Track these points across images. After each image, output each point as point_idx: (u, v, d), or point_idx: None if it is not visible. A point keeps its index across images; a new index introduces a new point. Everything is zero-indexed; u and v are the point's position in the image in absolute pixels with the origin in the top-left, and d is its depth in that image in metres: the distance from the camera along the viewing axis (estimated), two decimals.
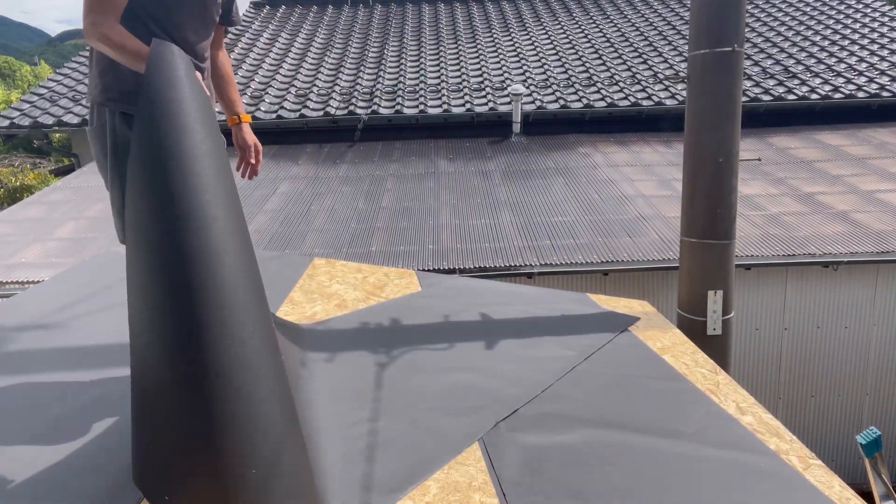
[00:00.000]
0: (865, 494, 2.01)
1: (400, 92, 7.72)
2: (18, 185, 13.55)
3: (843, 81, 7.67)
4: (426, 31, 9.89)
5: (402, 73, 8.33)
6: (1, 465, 1.62)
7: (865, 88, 7.47)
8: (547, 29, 9.74)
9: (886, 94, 7.37)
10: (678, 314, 3.51)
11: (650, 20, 9.97)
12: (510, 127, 7.32)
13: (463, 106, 7.34)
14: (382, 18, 10.52)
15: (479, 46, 9.18)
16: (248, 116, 2.09)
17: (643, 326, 2.74)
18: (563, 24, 9.95)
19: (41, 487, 1.54)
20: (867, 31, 9.16)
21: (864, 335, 4.76)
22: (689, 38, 3.39)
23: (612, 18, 10.09)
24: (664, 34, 9.38)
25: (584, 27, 9.77)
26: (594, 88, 7.67)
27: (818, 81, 7.69)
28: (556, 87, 7.72)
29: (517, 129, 7.28)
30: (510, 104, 7.25)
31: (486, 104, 7.34)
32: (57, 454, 1.67)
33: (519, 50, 8.98)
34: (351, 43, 9.47)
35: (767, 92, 7.46)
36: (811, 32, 9.20)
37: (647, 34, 9.40)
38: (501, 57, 8.74)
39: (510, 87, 7.46)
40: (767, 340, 4.78)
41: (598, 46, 9.02)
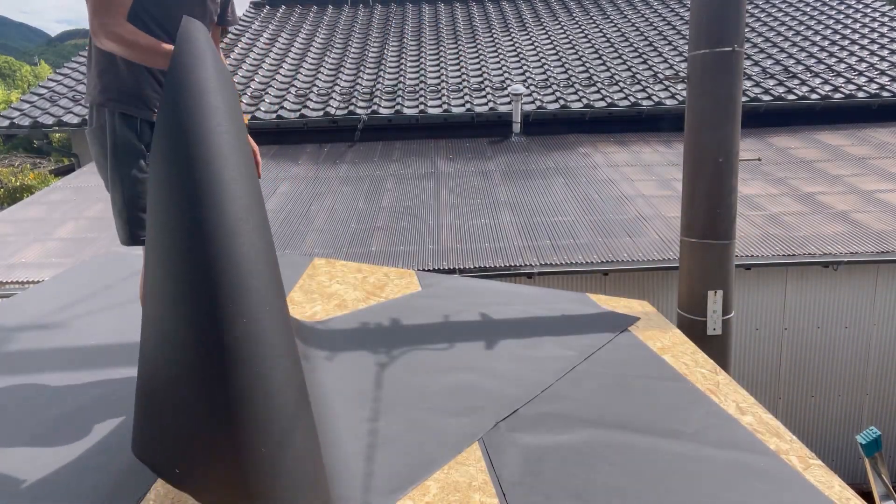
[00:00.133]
0: (865, 494, 2.01)
1: (400, 92, 7.72)
2: (18, 185, 13.55)
3: (843, 81, 7.67)
4: (426, 31, 9.89)
5: (402, 73, 8.33)
6: (1, 464, 1.62)
7: (865, 88, 7.47)
8: (547, 29, 9.74)
9: (886, 94, 7.37)
10: (678, 314, 3.51)
11: (650, 20, 9.97)
12: (510, 127, 7.32)
13: (463, 106, 7.34)
14: (382, 18, 10.52)
15: (479, 46, 9.18)
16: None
17: (643, 326, 2.74)
18: (563, 24, 9.94)
19: (41, 487, 1.54)
20: (867, 31, 9.16)
21: (864, 335, 4.76)
22: (689, 38, 3.39)
23: (612, 18, 10.09)
24: (664, 34, 9.38)
25: (584, 27, 9.77)
26: (594, 88, 7.67)
27: (818, 81, 7.69)
28: (556, 87, 7.72)
29: (517, 129, 7.28)
30: (510, 104, 7.25)
31: (486, 104, 7.34)
32: (57, 454, 1.67)
33: (519, 50, 8.98)
34: (351, 43, 9.47)
35: (767, 92, 7.46)
36: (811, 32, 9.20)
37: (647, 34, 9.40)
38: (501, 57, 8.74)
39: (510, 87, 7.46)
40: (767, 340, 4.77)
41: (598, 46, 9.02)
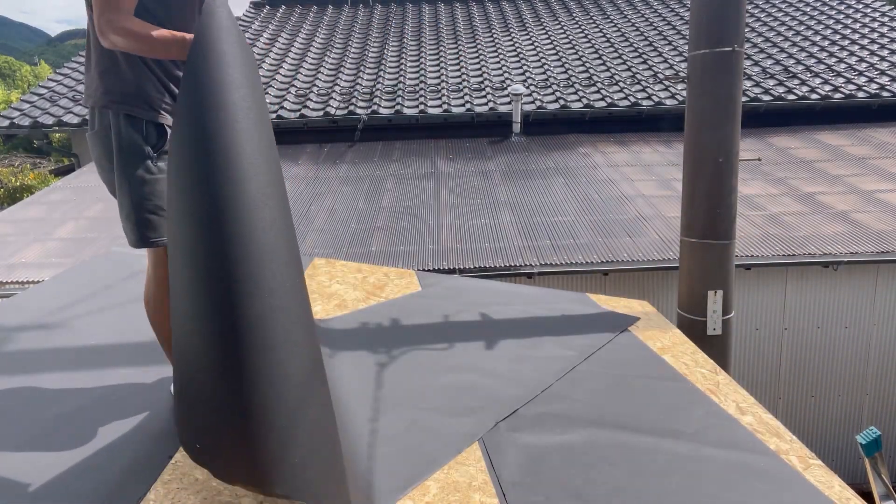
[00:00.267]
0: (865, 494, 2.01)
1: (400, 92, 7.72)
2: (18, 185, 13.55)
3: (843, 81, 7.66)
4: (426, 31, 9.88)
5: (402, 73, 8.33)
6: (1, 464, 1.62)
7: (865, 88, 7.47)
8: (547, 29, 9.74)
9: (886, 94, 7.37)
10: (678, 314, 3.51)
11: (650, 20, 9.97)
12: (510, 127, 7.32)
13: (463, 106, 7.34)
14: (382, 18, 10.51)
15: (479, 46, 9.18)
16: None
17: (643, 326, 2.74)
18: (563, 24, 9.94)
19: (41, 487, 1.54)
20: (867, 31, 9.16)
21: (864, 335, 4.76)
22: (689, 38, 3.39)
23: (612, 18, 10.09)
24: (664, 34, 9.38)
25: (584, 27, 9.77)
26: (594, 88, 7.67)
27: (818, 81, 7.69)
28: (556, 87, 7.72)
29: (517, 129, 7.27)
30: (510, 104, 7.25)
31: (486, 104, 7.34)
32: (57, 454, 1.67)
33: (519, 50, 8.97)
34: (351, 43, 9.47)
35: (767, 92, 7.46)
36: (811, 32, 9.20)
37: (647, 34, 9.40)
38: (501, 57, 8.74)
39: (510, 87, 7.45)
40: (767, 340, 4.77)
41: (598, 46, 9.02)
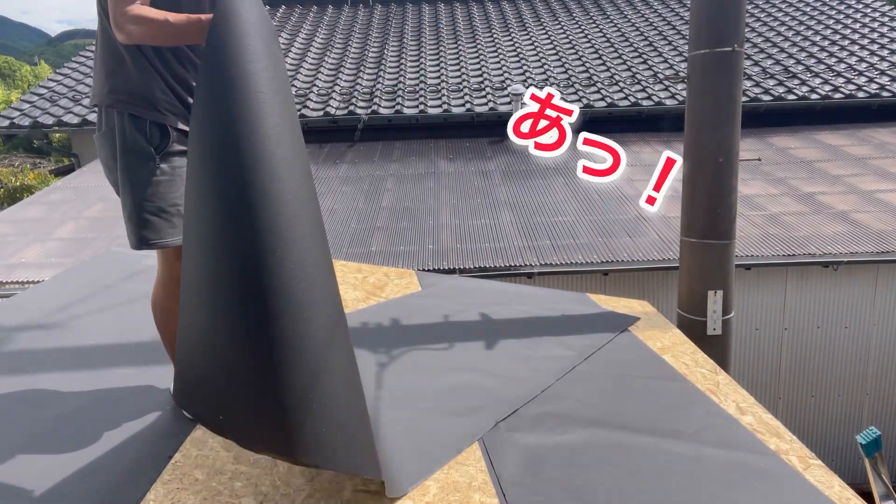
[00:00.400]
0: (865, 494, 2.00)
1: (400, 92, 7.71)
2: (18, 185, 13.53)
3: (843, 81, 7.66)
4: (426, 31, 9.88)
5: (402, 73, 8.33)
6: (1, 464, 1.62)
7: (865, 88, 7.47)
8: (547, 29, 9.74)
9: (886, 94, 7.37)
10: (678, 314, 3.51)
11: (650, 20, 9.97)
12: None
13: (463, 106, 7.33)
14: (382, 18, 10.51)
15: (479, 46, 9.18)
16: None
17: (643, 326, 2.74)
18: (563, 24, 9.94)
19: (41, 487, 1.54)
20: (867, 31, 9.15)
21: (864, 335, 4.76)
22: (689, 38, 3.38)
23: (612, 18, 10.09)
24: (664, 34, 9.37)
25: (584, 27, 9.77)
26: (594, 88, 7.66)
27: (818, 81, 7.69)
28: (556, 87, 7.72)
29: None
30: (510, 104, 7.24)
31: (486, 104, 7.34)
32: (57, 454, 1.67)
33: (519, 50, 8.97)
34: (351, 43, 9.47)
35: (767, 92, 7.45)
36: (811, 32, 9.20)
37: (647, 34, 9.40)
38: (501, 57, 8.74)
39: (510, 87, 7.45)
40: (767, 340, 4.77)
41: (598, 46, 9.01)
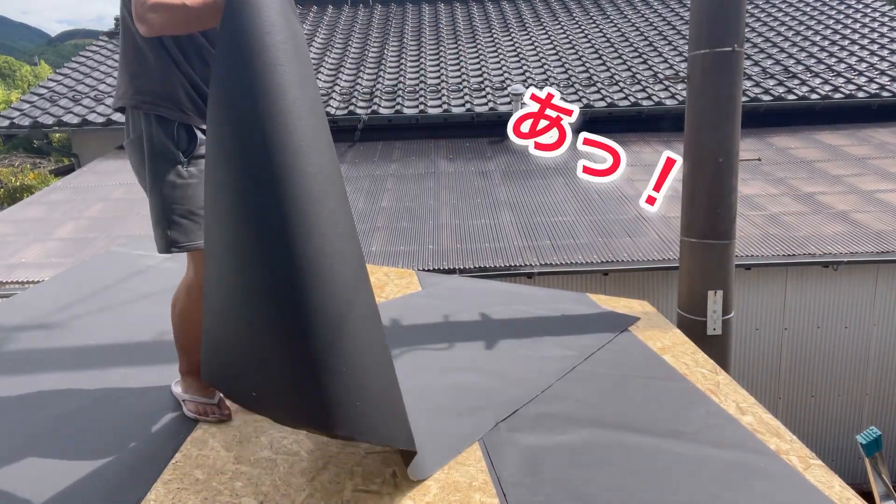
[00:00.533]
0: (865, 494, 2.00)
1: (400, 92, 7.71)
2: (18, 185, 13.52)
3: (843, 81, 7.66)
4: (426, 31, 9.88)
5: (402, 73, 8.33)
6: (1, 464, 1.62)
7: (865, 88, 7.47)
8: (547, 29, 9.74)
9: (886, 94, 7.37)
10: (678, 314, 3.51)
11: (650, 20, 9.97)
12: None
13: (463, 106, 7.33)
14: (382, 18, 10.51)
15: (479, 46, 9.18)
16: None
17: (643, 326, 2.74)
18: (563, 24, 9.94)
19: (41, 487, 1.54)
20: (867, 31, 9.15)
21: (864, 335, 4.75)
22: (689, 38, 3.38)
23: (612, 18, 10.09)
24: (664, 34, 9.37)
25: (584, 27, 9.77)
26: (594, 88, 7.66)
27: (818, 81, 7.69)
28: (556, 87, 7.72)
29: None
30: (510, 104, 7.24)
31: (486, 104, 7.34)
32: (57, 454, 1.67)
33: (519, 50, 8.97)
34: (351, 43, 9.47)
35: (767, 92, 7.45)
36: (811, 32, 9.20)
37: (647, 34, 9.40)
38: (501, 57, 8.74)
39: (510, 86, 7.45)
40: (767, 340, 4.77)
41: (598, 46, 9.01)
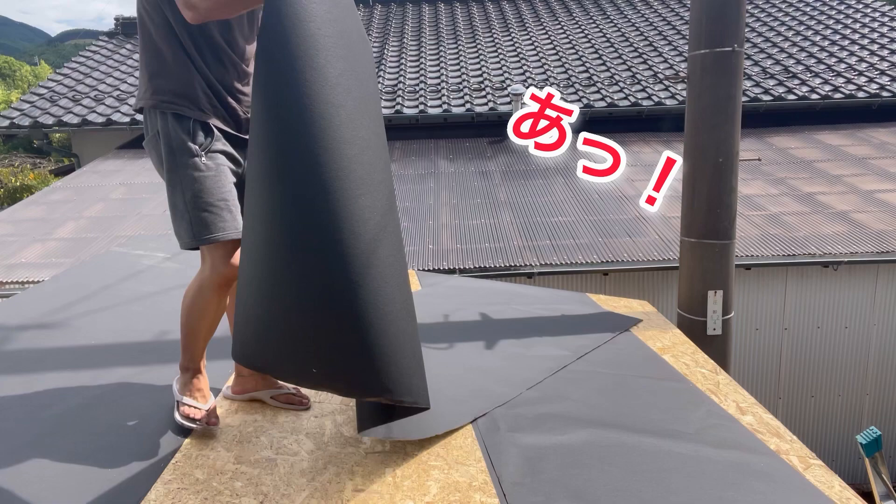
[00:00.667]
0: (865, 494, 2.01)
1: (400, 92, 7.71)
2: (18, 185, 13.52)
3: (843, 81, 7.66)
4: (426, 31, 9.88)
5: (402, 73, 8.33)
6: (1, 464, 1.62)
7: (865, 88, 7.47)
8: (547, 29, 9.74)
9: (886, 94, 7.37)
10: (678, 314, 3.51)
11: (650, 20, 9.97)
12: None
13: (463, 106, 7.33)
14: (382, 18, 10.51)
15: (479, 46, 9.18)
16: None
17: (643, 326, 2.74)
18: (563, 24, 9.94)
19: (41, 487, 1.53)
20: (867, 31, 9.15)
21: (864, 335, 4.75)
22: (689, 38, 3.39)
23: (612, 18, 10.09)
24: (664, 34, 9.37)
25: (584, 27, 9.77)
26: (594, 88, 7.66)
27: (818, 81, 7.69)
28: (556, 87, 7.72)
29: None
30: (510, 104, 7.24)
31: (486, 104, 7.34)
32: (57, 454, 1.67)
33: (519, 50, 8.97)
34: None
35: (767, 92, 7.45)
36: (811, 32, 9.20)
37: (647, 34, 9.40)
38: (501, 57, 8.74)
39: (510, 86, 7.45)
40: (767, 340, 4.77)
41: (598, 46, 9.01)
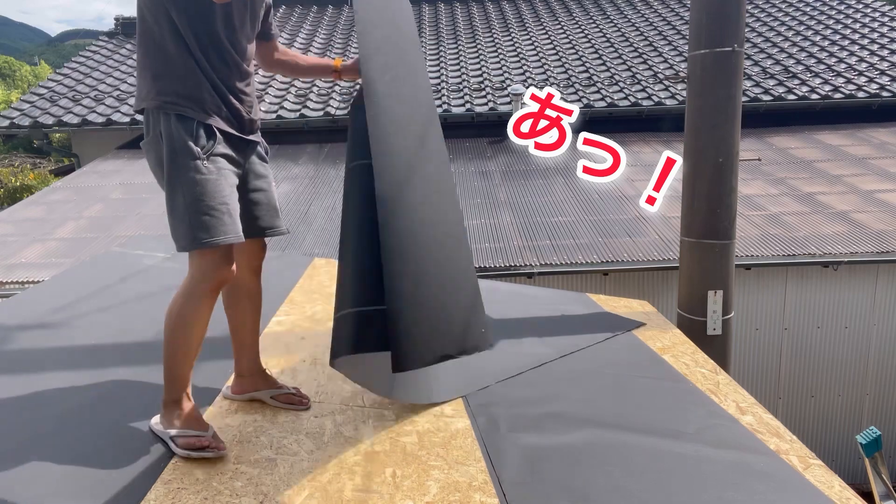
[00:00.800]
0: (865, 494, 2.01)
1: None
2: (18, 185, 13.52)
3: (843, 81, 7.66)
4: (426, 31, 9.88)
5: None
6: (1, 464, 1.62)
7: (865, 88, 7.47)
8: (547, 29, 9.73)
9: (886, 94, 7.37)
10: (678, 314, 3.51)
11: (650, 20, 9.97)
12: None
13: (463, 106, 7.33)
14: None
15: (479, 46, 9.18)
16: (339, 60, 2.07)
17: (643, 326, 2.74)
18: (563, 24, 9.94)
19: (41, 487, 1.53)
20: (867, 31, 9.15)
21: (864, 335, 4.75)
22: (689, 38, 3.39)
23: (612, 18, 10.09)
24: (664, 34, 9.37)
25: (584, 27, 9.77)
26: (594, 88, 7.66)
27: (818, 81, 7.69)
28: (556, 87, 7.72)
29: None
30: (510, 104, 7.24)
31: (486, 104, 7.34)
32: (57, 454, 1.67)
33: (519, 50, 8.97)
34: (351, 43, 9.46)
35: (767, 92, 7.45)
36: (811, 32, 9.20)
37: (647, 34, 9.39)
38: (501, 57, 8.74)
39: (510, 87, 7.45)
40: (767, 340, 4.77)
41: (598, 46, 9.01)
